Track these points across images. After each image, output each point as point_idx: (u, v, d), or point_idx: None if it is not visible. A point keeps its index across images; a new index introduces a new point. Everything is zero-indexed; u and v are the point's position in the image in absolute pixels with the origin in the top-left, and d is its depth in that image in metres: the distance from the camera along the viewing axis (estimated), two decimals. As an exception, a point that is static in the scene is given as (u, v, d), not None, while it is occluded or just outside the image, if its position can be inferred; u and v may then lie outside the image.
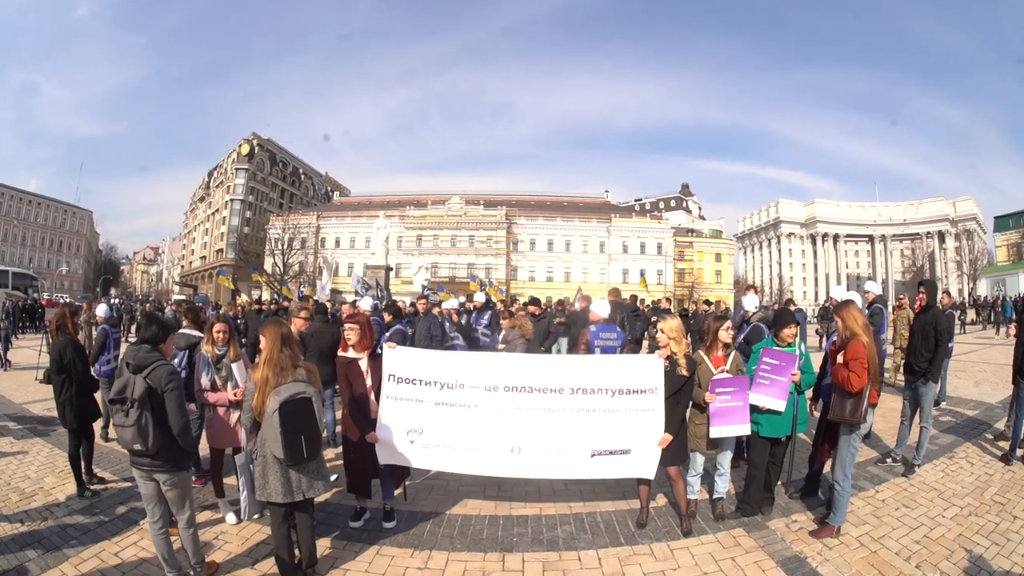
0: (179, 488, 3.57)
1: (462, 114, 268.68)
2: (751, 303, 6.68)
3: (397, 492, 4.59)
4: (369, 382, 4.33)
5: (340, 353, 4.41)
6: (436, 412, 4.25)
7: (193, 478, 4.75)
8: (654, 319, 8.82)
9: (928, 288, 5.99)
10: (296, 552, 3.70)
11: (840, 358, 4.38)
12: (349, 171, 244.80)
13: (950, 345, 9.21)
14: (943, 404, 9.09)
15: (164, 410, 3.42)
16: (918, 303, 6.28)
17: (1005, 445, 6.47)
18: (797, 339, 4.80)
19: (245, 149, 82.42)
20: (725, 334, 4.67)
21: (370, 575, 3.81)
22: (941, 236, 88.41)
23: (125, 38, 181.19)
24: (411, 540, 4.24)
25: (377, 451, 4.23)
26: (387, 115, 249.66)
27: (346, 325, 4.43)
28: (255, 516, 4.51)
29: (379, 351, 4.43)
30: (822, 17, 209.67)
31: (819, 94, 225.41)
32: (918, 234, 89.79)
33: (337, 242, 71.32)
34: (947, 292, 11.28)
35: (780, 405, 4.54)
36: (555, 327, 9.45)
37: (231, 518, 4.56)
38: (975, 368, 13.58)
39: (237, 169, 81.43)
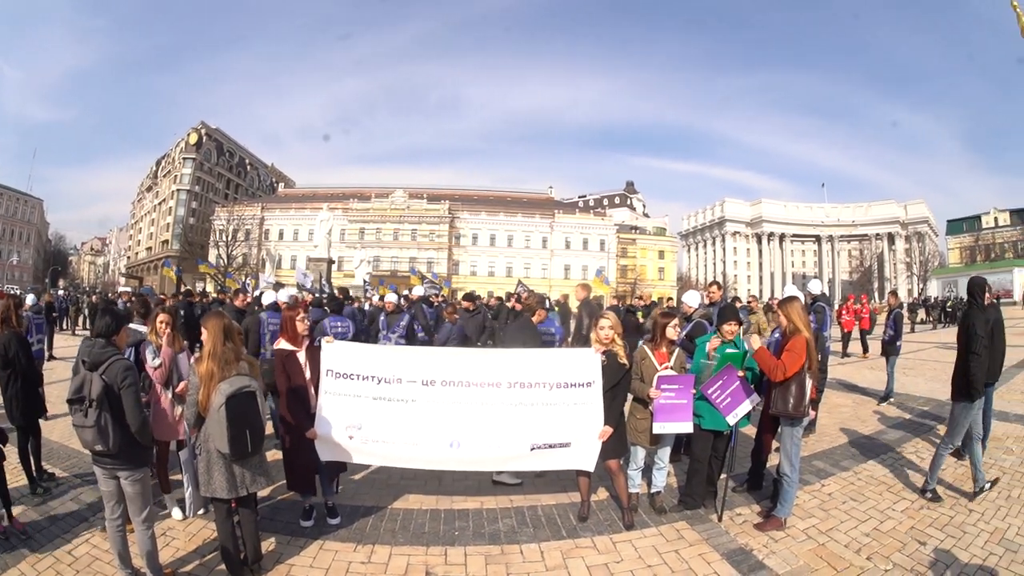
0: (140, 485, 3.48)
1: (410, 107, 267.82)
2: (693, 300, 6.73)
3: (340, 489, 4.60)
4: (308, 375, 4.28)
5: (277, 346, 4.35)
6: (374, 407, 4.23)
7: None
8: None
9: (971, 287, 5.38)
10: (242, 548, 3.65)
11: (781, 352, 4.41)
12: (295, 162, 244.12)
13: (898, 344, 9.45)
14: (891, 401, 9.27)
15: (122, 408, 3.33)
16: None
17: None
18: (739, 335, 4.83)
19: (193, 138, 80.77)
20: (672, 331, 4.67)
21: (315, 570, 3.75)
22: (891, 238, 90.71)
23: (81, 21, 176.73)
24: (354, 535, 4.21)
25: (317, 447, 4.18)
26: (335, 106, 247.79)
27: (285, 315, 4.38)
28: (200, 512, 4.45)
29: (316, 344, 4.38)
30: (779, 19, 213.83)
31: (771, 96, 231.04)
32: (867, 235, 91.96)
33: (280, 234, 70.91)
34: (894, 292, 11.41)
35: (754, 400, 4.59)
36: (490, 322, 9.47)
37: (177, 514, 4.49)
38: (926, 366, 13.93)
39: (185, 158, 79.68)
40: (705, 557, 3.95)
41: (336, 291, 12.17)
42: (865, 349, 16.76)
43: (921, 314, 36.44)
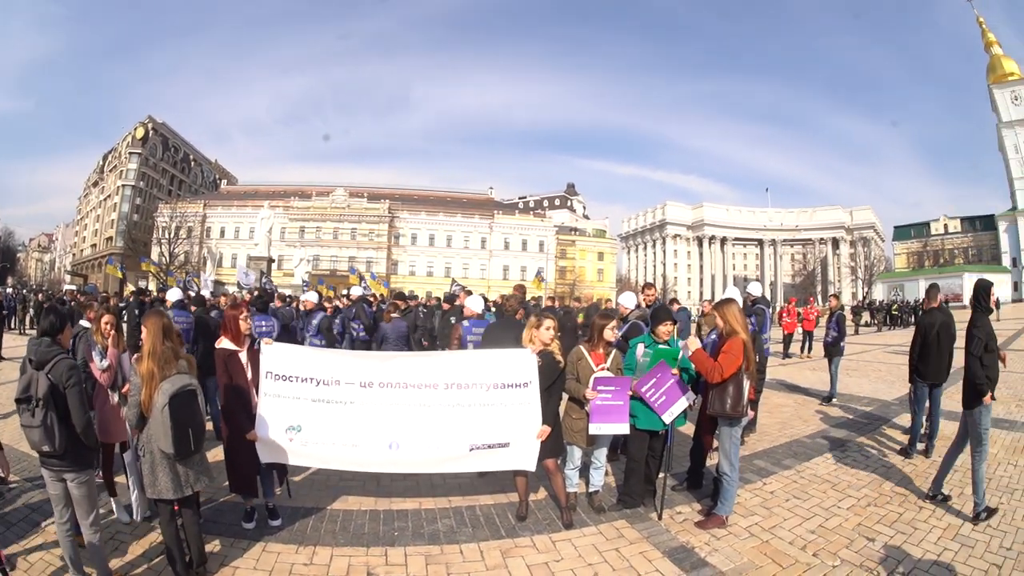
0: (86, 488, 3.43)
1: (356, 105, 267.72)
2: (629, 301, 6.78)
3: (279, 489, 4.54)
4: (250, 375, 4.27)
5: (219, 345, 4.32)
6: (313, 409, 4.22)
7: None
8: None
9: (976, 289, 5.20)
10: (187, 550, 3.62)
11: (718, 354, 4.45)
12: (239, 158, 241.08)
13: (841, 345, 9.61)
14: (834, 401, 9.39)
15: (68, 408, 3.28)
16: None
17: (903, 439, 6.70)
18: (674, 336, 4.89)
19: (140, 132, 79.54)
20: (610, 333, 4.69)
21: (259, 572, 3.72)
22: (835, 242, 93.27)
23: (33, 8, 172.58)
24: (295, 536, 4.19)
25: (257, 449, 4.16)
26: (282, 102, 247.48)
27: (228, 314, 4.37)
28: (147, 514, 4.42)
29: (256, 346, 4.36)
30: (732, 28, 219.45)
31: (720, 102, 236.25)
32: (811, 240, 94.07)
33: (222, 232, 70.53)
34: (835, 295, 11.64)
35: (689, 398, 4.64)
36: (422, 321, 9.51)
37: (124, 517, 4.43)
38: (870, 367, 14.13)
39: (131, 153, 78.57)
40: (646, 555, 3.96)
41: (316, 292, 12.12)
42: (808, 350, 17.09)
43: (866, 317, 37.36)
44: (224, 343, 4.31)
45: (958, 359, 7.44)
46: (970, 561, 3.94)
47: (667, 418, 4.53)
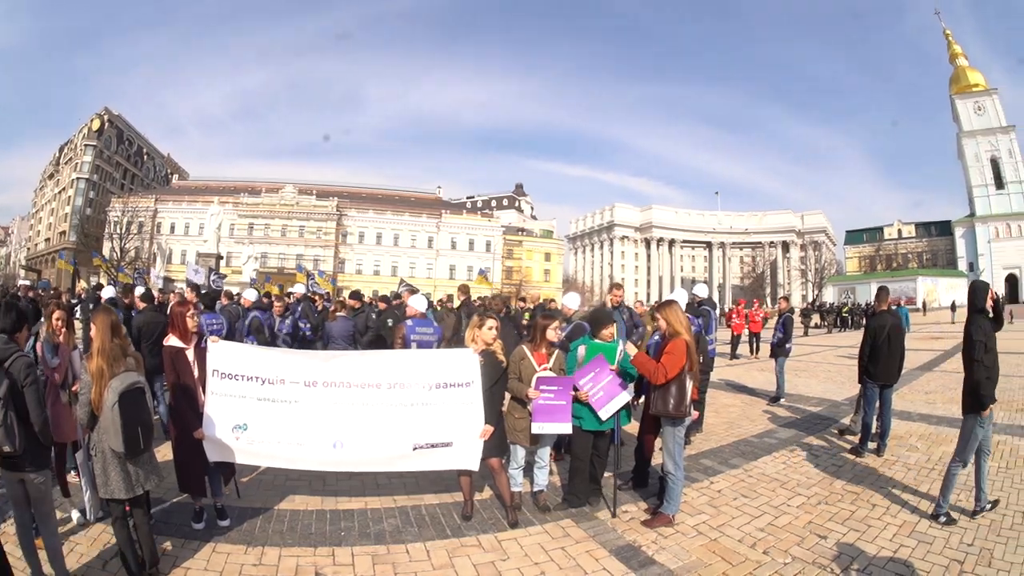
0: (45, 487, 3.42)
1: (309, 101, 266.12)
2: (573, 302, 6.86)
3: (227, 489, 4.54)
4: (197, 373, 4.27)
5: (167, 342, 4.31)
6: (259, 408, 4.23)
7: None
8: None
9: (972, 290, 4.88)
10: (139, 551, 3.60)
11: (660, 355, 4.49)
12: (192, 153, 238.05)
13: (788, 346, 9.77)
14: (781, 401, 9.51)
15: (26, 407, 3.25)
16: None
17: (853, 439, 6.79)
18: (617, 337, 4.94)
19: (96, 124, 77.71)
20: (553, 333, 4.74)
21: (210, 573, 3.72)
22: (785, 246, 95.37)
23: None
24: (244, 536, 4.19)
25: (205, 448, 4.17)
26: (236, 97, 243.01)
27: (176, 310, 4.36)
28: (99, 515, 4.40)
29: (203, 344, 4.36)
30: (688, 32, 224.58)
31: (672, 106, 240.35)
32: (760, 243, 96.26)
33: (172, 228, 69.55)
34: (785, 297, 11.85)
35: (627, 396, 4.67)
36: (373, 321, 9.50)
37: (77, 518, 4.42)
38: (819, 368, 14.37)
39: (86, 146, 76.58)
40: (593, 554, 4.00)
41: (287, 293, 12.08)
42: (757, 351, 17.31)
43: (816, 319, 38.15)
44: (172, 340, 4.29)
45: (914, 359, 7.68)
46: (929, 557, 3.99)
47: (603, 414, 4.57)
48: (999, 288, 65.84)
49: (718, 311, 10.37)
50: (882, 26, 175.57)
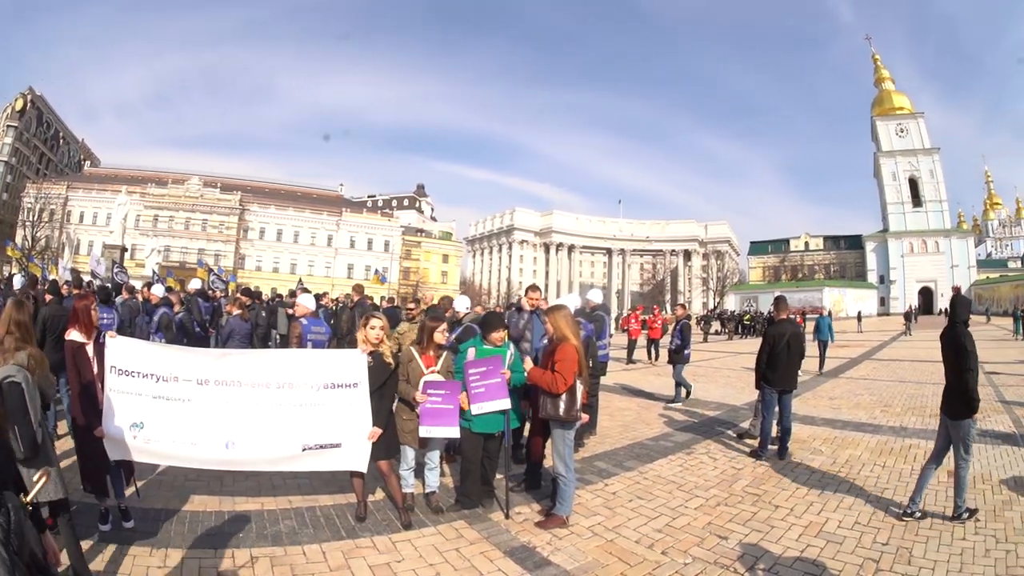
0: None
1: (221, 91, 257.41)
2: (463, 304, 7.01)
3: (129, 490, 4.52)
4: (96, 369, 4.23)
5: (68, 336, 4.24)
6: (154, 406, 4.22)
7: None
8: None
9: (954, 303, 5.04)
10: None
11: (549, 360, 4.59)
12: (107, 140, 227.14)
13: (686, 352, 10.09)
14: (679, 405, 9.78)
15: None
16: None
17: (753, 442, 7.05)
18: (507, 341, 5.06)
19: (19, 104, 74.16)
20: (440, 336, 4.83)
21: None
22: (687, 254, 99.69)
23: None
24: (148, 538, 4.21)
25: (106, 446, 4.16)
26: (151, 83, 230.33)
27: (78, 304, 4.30)
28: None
29: (101, 339, 4.29)
30: (604, 40, 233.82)
31: (582, 114, 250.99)
32: (662, 251, 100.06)
33: (81, 217, 67.79)
34: (682, 304, 12.27)
35: (506, 403, 4.73)
36: (262, 319, 9.55)
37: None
38: (718, 374, 14.76)
39: (8, 127, 73.12)
40: (487, 555, 4.08)
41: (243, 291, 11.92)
42: (655, 356, 17.64)
43: (716, 326, 40.16)
44: (73, 335, 4.23)
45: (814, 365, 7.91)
46: (840, 556, 4.07)
47: (474, 410, 4.66)
48: (912, 300, 71.79)
49: (612, 316, 10.71)
50: (804, 46, 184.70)
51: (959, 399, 4.62)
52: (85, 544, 4.05)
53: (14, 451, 3.23)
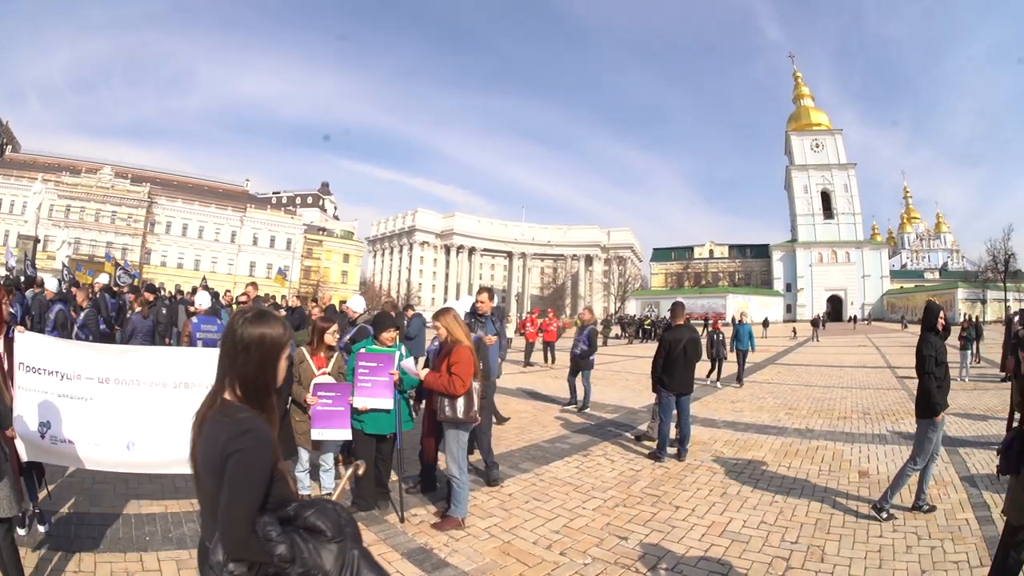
0: None
1: (141, 78, 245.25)
2: (358, 305, 7.06)
3: (42, 494, 4.43)
4: (7, 366, 4.04)
5: None
6: (59, 405, 4.11)
7: None
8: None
9: (926, 311, 5.39)
10: None
11: (444, 363, 4.65)
12: (30, 124, 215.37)
13: (591, 358, 10.34)
14: (573, 408, 9.96)
15: None
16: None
17: (651, 444, 7.25)
18: (397, 342, 5.14)
19: None
20: (331, 337, 4.92)
21: None
22: (589, 259, 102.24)
23: None
24: (62, 543, 4.18)
25: (19, 447, 3.98)
26: (77, 66, 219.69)
27: None
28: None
29: (10, 334, 4.14)
30: (518, 49, 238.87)
31: (490, 119, 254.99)
32: (563, 255, 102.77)
33: None
34: (589, 309, 12.53)
35: (387, 403, 4.78)
36: (163, 316, 9.59)
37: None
38: (617, 377, 15.25)
39: None
40: (385, 557, 4.05)
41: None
42: (552, 360, 17.97)
43: (616, 330, 42.05)
44: None
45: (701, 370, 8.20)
46: (747, 555, 4.10)
47: (355, 403, 4.71)
48: (821, 308, 75.74)
49: (506, 319, 11.05)
50: (728, 61, 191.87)
51: (922, 400, 4.99)
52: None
53: None
